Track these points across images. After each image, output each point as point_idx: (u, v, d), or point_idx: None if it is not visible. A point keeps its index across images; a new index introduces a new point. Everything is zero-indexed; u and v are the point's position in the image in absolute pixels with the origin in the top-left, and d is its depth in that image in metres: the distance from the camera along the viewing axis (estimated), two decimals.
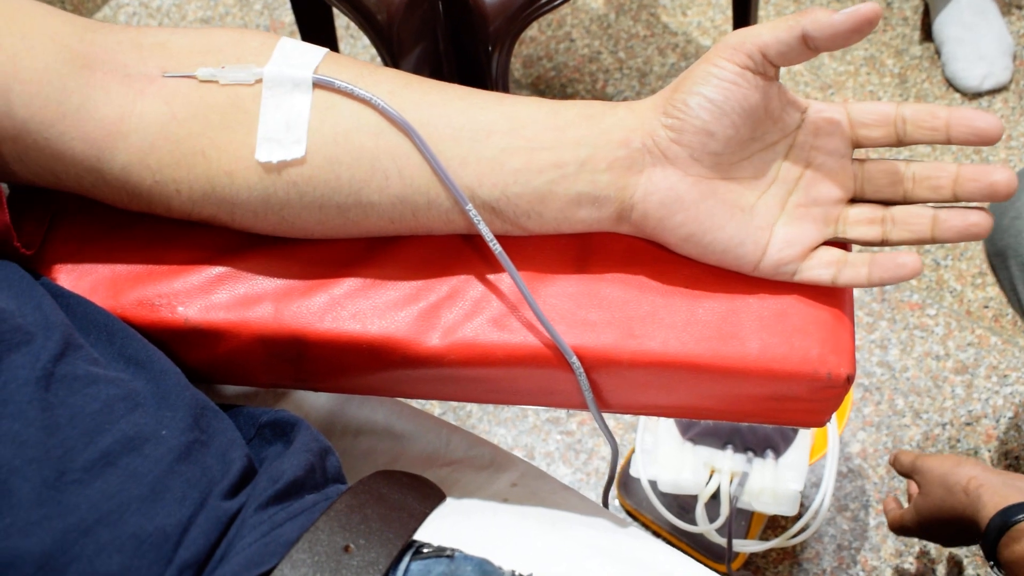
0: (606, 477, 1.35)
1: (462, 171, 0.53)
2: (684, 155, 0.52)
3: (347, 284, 0.57)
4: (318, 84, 0.53)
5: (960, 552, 1.27)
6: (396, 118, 0.52)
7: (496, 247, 0.54)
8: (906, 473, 1.06)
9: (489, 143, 0.53)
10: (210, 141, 0.53)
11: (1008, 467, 1.33)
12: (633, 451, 1.30)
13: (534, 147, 0.53)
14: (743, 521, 1.26)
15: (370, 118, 0.53)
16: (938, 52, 1.68)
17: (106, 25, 0.55)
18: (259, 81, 0.53)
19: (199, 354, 0.58)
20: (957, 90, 1.65)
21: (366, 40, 1.82)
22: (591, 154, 0.52)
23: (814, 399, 0.56)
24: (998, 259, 0.99)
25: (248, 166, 0.53)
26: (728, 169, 0.53)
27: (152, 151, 0.53)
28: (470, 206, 0.53)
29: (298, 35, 1.74)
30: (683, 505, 1.23)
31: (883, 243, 0.54)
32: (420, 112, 0.53)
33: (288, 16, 1.84)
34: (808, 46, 0.49)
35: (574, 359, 0.54)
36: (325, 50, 0.55)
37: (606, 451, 1.37)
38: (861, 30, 0.48)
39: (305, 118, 0.53)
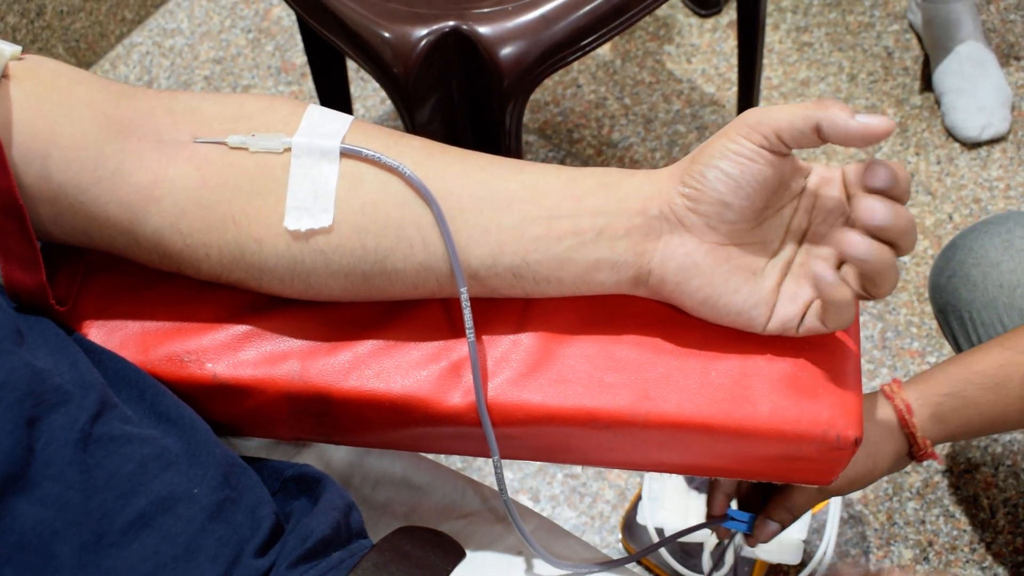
0: (610, 521, 1.36)
1: (484, 239, 0.54)
2: (700, 223, 0.53)
3: (370, 344, 0.58)
4: (346, 153, 0.54)
5: None
6: (421, 189, 0.54)
7: (471, 336, 0.56)
8: None
9: (510, 212, 0.54)
10: (240, 208, 0.54)
11: (1007, 515, 1.34)
12: (639, 496, 1.32)
13: (553, 216, 0.54)
14: (746, 568, 1.27)
15: (396, 189, 0.54)
16: (938, 102, 1.71)
17: (140, 90, 0.57)
18: (288, 150, 0.54)
19: (225, 408, 0.60)
20: (957, 140, 1.68)
21: (376, 83, 1.84)
22: (608, 222, 0.54)
23: (823, 459, 0.57)
24: (941, 316, 1.02)
25: (277, 233, 0.54)
26: (741, 236, 0.54)
27: (183, 216, 0.54)
28: (463, 284, 0.55)
29: (309, 77, 1.76)
30: (688, 551, 1.24)
31: (869, 296, 0.54)
32: (444, 182, 0.55)
33: (299, 58, 1.87)
34: (820, 137, 0.51)
35: (495, 451, 0.57)
36: (351, 118, 0.56)
37: (610, 495, 1.38)
38: (870, 141, 0.49)
39: (332, 187, 0.54)
